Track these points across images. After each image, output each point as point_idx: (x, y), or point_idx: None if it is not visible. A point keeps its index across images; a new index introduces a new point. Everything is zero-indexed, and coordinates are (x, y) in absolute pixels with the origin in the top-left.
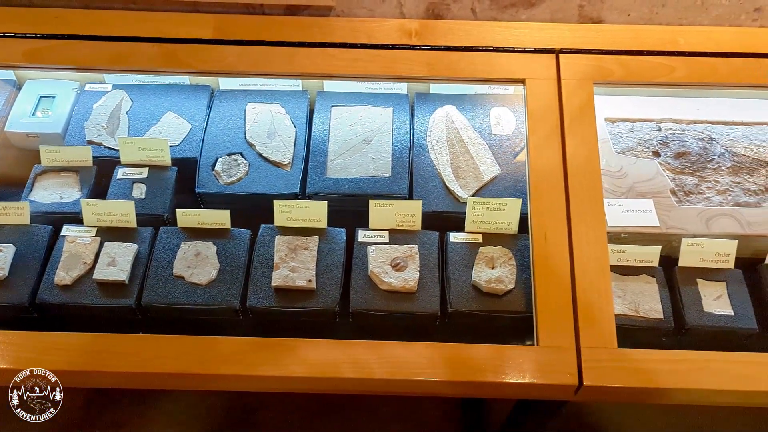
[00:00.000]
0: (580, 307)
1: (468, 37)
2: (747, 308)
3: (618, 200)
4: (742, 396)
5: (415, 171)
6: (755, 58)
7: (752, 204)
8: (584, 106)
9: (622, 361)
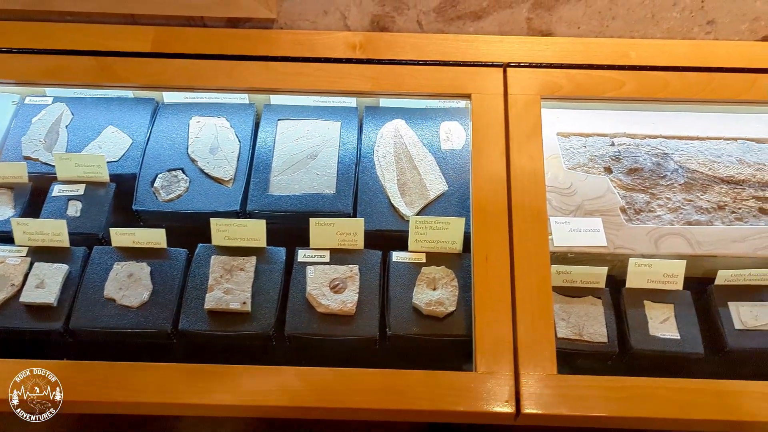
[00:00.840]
0: (520, 331)
1: (414, 50)
2: (694, 331)
3: (566, 219)
4: (684, 424)
5: (360, 188)
6: (708, 72)
7: (704, 222)
8: (531, 121)
9: (562, 387)
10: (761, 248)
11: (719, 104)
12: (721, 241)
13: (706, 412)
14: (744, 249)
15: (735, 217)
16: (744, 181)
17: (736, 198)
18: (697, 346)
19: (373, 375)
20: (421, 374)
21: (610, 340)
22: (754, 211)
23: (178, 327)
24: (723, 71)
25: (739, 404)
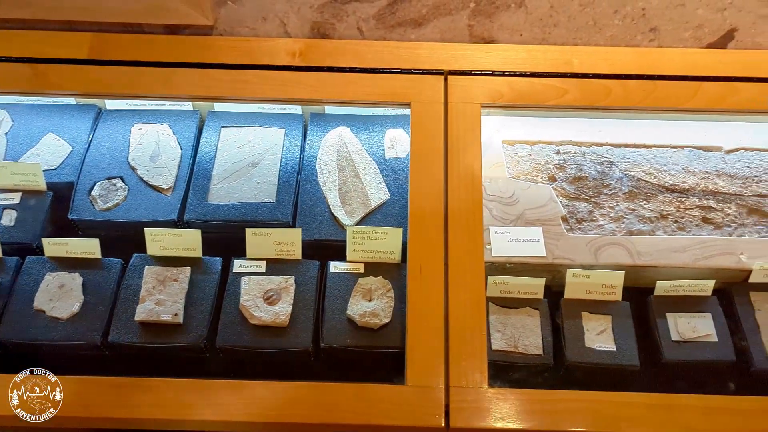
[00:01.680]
0: (452, 343)
1: (355, 57)
2: (630, 343)
3: (505, 228)
4: None
5: (301, 196)
6: (651, 80)
7: (646, 232)
8: (471, 130)
9: (493, 401)
10: (701, 258)
11: (663, 112)
12: (661, 252)
13: (637, 425)
14: (684, 259)
15: (677, 227)
16: (689, 189)
17: (680, 207)
18: (632, 358)
19: (302, 388)
20: (351, 387)
21: (545, 352)
22: (697, 221)
23: (108, 339)
24: (666, 79)
25: (672, 417)
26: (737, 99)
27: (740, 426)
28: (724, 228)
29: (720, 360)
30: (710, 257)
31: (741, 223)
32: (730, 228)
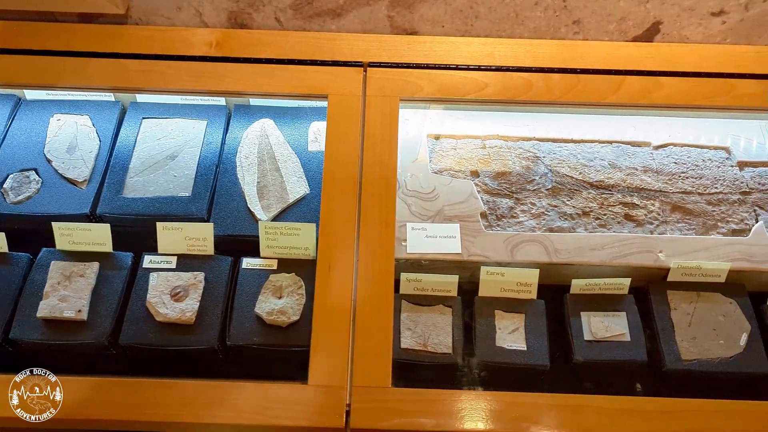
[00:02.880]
0: (357, 342)
1: (272, 48)
2: (542, 342)
3: (423, 225)
4: None
5: (218, 190)
6: (574, 73)
7: (566, 229)
8: (388, 124)
9: (394, 401)
10: (619, 256)
11: (585, 106)
12: (579, 249)
13: (540, 426)
14: (602, 257)
15: (599, 224)
16: (613, 186)
17: (603, 204)
18: (543, 357)
19: (200, 387)
20: (251, 386)
21: (454, 351)
22: (620, 218)
23: (9, 336)
24: (590, 73)
25: (577, 418)
26: (661, 94)
27: (645, 427)
28: (646, 225)
29: (631, 360)
30: (628, 255)
31: (663, 221)
32: (652, 225)
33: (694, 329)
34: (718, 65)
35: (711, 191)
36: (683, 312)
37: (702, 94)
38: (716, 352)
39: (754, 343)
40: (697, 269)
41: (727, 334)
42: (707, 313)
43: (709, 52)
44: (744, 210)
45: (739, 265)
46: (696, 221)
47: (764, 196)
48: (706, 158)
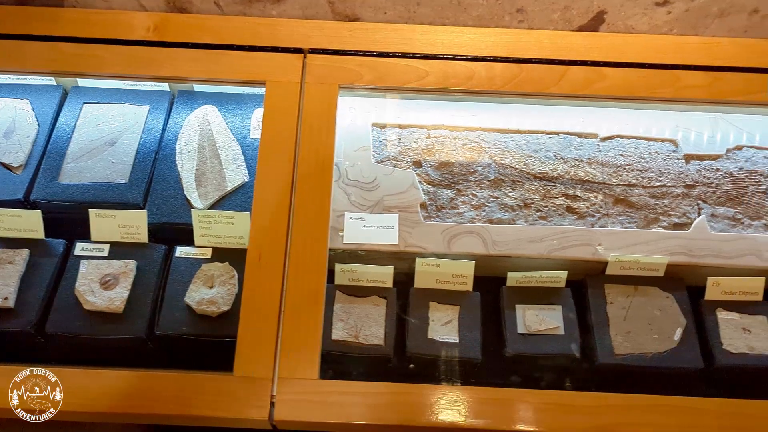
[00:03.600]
0: (285, 333)
1: (211, 33)
2: (474, 335)
3: (361, 215)
4: None
5: (156, 177)
6: (517, 63)
7: (506, 221)
8: (326, 112)
9: (320, 393)
10: (558, 249)
11: (527, 97)
12: (517, 241)
13: (464, 418)
14: (540, 249)
15: (540, 216)
16: (557, 177)
17: (545, 196)
18: (474, 350)
19: (124, 377)
20: (175, 376)
21: (386, 343)
22: (561, 210)
23: None
24: (532, 62)
25: (502, 412)
26: (604, 85)
27: (572, 421)
28: (587, 218)
29: (564, 353)
30: (567, 248)
31: (605, 214)
32: (593, 218)
33: (629, 323)
34: (662, 56)
35: (655, 184)
36: (619, 306)
37: (645, 85)
38: (650, 347)
39: (688, 338)
40: (635, 263)
41: (661, 328)
42: (643, 308)
43: (655, 43)
44: (687, 204)
45: (678, 260)
46: (638, 214)
47: (708, 189)
48: (653, 151)
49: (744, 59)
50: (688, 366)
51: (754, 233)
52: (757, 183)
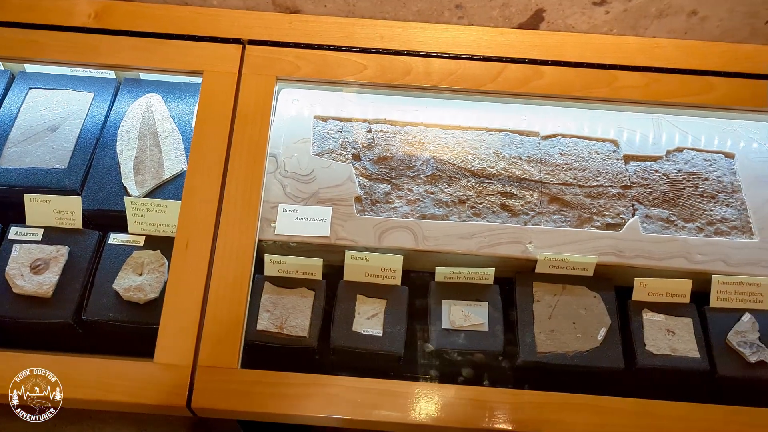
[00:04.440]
0: (208, 322)
1: (152, 21)
2: (399, 329)
3: (295, 206)
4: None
5: (95, 164)
6: (456, 59)
7: (439, 216)
8: (262, 104)
9: (239, 382)
10: (487, 246)
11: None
12: (448, 237)
13: (380, 411)
14: (469, 246)
15: (473, 213)
16: (494, 175)
17: (481, 193)
18: (397, 344)
19: (44, 360)
20: (95, 362)
21: (310, 335)
22: (495, 207)
23: None
24: (470, 59)
25: (421, 407)
26: (541, 83)
27: (487, 418)
28: (521, 216)
29: (485, 350)
30: (497, 245)
31: (539, 212)
32: (527, 216)
33: (554, 322)
34: (601, 56)
35: (592, 184)
36: (546, 304)
37: (582, 84)
38: (572, 346)
39: (611, 338)
40: (565, 262)
41: (586, 327)
42: (569, 306)
43: (594, 42)
44: (622, 204)
45: (607, 260)
46: (572, 214)
47: (645, 191)
48: (593, 150)
49: (683, 61)
50: (609, 366)
51: (686, 236)
52: (694, 185)
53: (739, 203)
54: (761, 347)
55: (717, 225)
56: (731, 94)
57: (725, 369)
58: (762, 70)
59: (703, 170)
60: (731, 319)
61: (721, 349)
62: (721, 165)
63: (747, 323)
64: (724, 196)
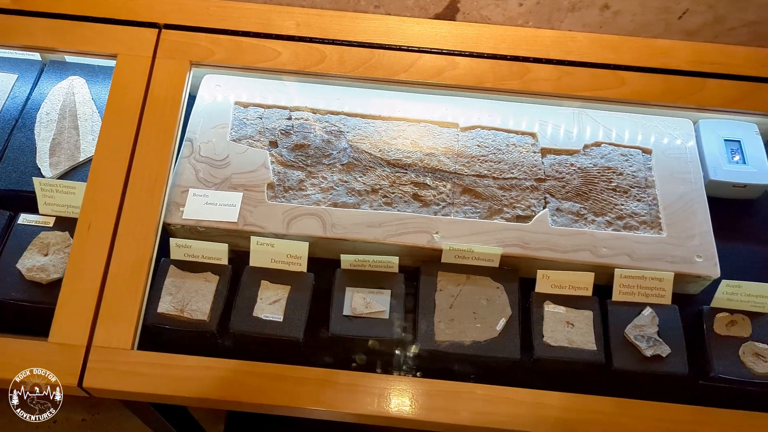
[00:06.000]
0: (105, 304)
1: (70, 3)
2: (300, 316)
3: (205, 191)
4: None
5: (11, 145)
6: (369, 48)
7: (350, 205)
8: (173, 88)
9: (133, 363)
10: (395, 235)
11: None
12: (356, 225)
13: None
14: (376, 234)
15: (385, 202)
16: (410, 165)
17: (395, 182)
18: (297, 330)
19: None
20: None
21: (210, 319)
22: (407, 197)
23: None
24: (385, 48)
25: (305, 390)
26: (454, 74)
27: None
28: (432, 206)
29: (383, 337)
30: (404, 234)
31: (450, 203)
32: (438, 206)
33: (455, 311)
34: (516, 48)
35: (506, 176)
36: (448, 294)
37: (495, 76)
38: (470, 335)
39: (510, 329)
40: (470, 252)
41: (486, 318)
42: (471, 296)
43: (509, 34)
44: (534, 197)
45: (513, 251)
46: (483, 205)
47: (558, 184)
48: (511, 143)
49: (596, 55)
50: (505, 356)
51: (594, 229)
52: (608, 180)
53: (651, 198)
54: (658, 341)
55: (626, 219)
56: (643, 89)
57: (620, 362)
58: (676, 66)
59: (619, 165)
60: (632, 313)
61: (618, 343)
62: (638, 160)
63: (647, 317)
64: (637, 191)
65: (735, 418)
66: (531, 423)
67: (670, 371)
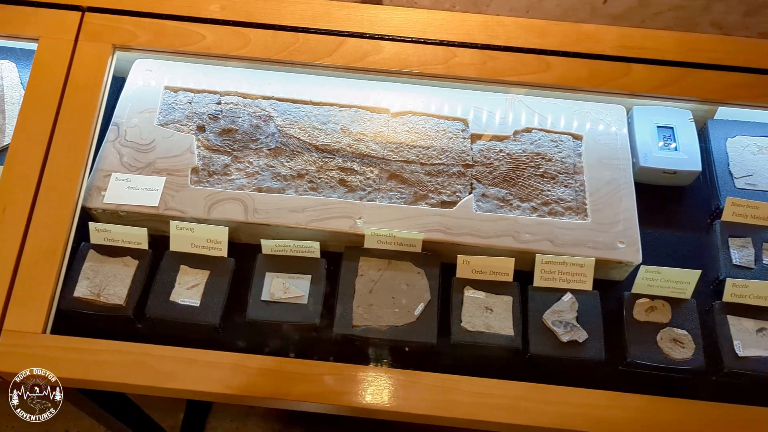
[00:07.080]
0: (17, 288)
1: None
2: (218, 301)
3: (128, 176)
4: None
5: None
6: (296, 32)
7: (275, 189)
8: (95, 72)
9: (43, 347)
10: (317, 220)
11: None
12: (279, 210)
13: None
14: (298, 219)
15: (310, 187)
16: (338, 150)
17: (322, 168)
18: (214, 315)
19: None
20: None
21: (127, 303)
22: (334, 182)
23: None
24: (309, 32)
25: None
26: (378, 58)
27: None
28: (357, 191)
29: (301, 322)
30: (326, 219)
31: (376, 188)
32: (363, 192)
33: (374, 296)
34: (442, 33)
35: (434, 162)
36: (369, 279)
37: (419, 60)
38: (388, 320)
39: (429, 314)
40: (392, 237)
41: (404, 303)
42: (391, 281)
43: (436, 18)
44: (461, 183)
45: (435, 237)
46: (408, 190)
47: (486, 170)
48: (441, 129)
49: (523, 40)
50: (421, 341)
51: (519, 215)
52: (537, 166)
53: (579, 185)
54: (576, 327)
55: (552, 205)
56: (569, 73)
57: (537, 347)
58: (601, 51)
59: (548, 151)
60: (553, 299)
61: (536, 328)
62: (568, 146)
63: (566, 303)
64: (564, 177)
65: (647, 403)
66: (441, 407)
67: (586, 357)
